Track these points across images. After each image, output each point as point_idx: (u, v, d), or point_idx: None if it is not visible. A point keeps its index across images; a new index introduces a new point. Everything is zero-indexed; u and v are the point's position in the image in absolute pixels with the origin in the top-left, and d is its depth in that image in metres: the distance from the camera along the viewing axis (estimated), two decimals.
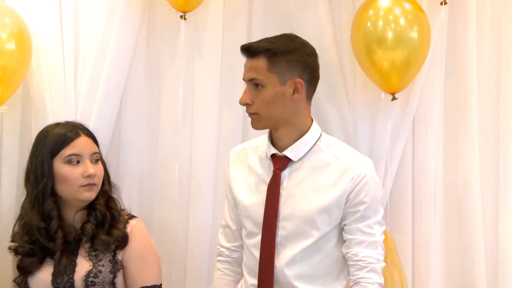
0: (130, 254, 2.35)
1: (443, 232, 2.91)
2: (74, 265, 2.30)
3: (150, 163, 2.88)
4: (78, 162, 2.32)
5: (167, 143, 2.87)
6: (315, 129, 2.29)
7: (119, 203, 2.43)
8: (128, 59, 2.80)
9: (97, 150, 2.38)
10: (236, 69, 2.79)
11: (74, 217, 2.32)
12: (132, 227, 2.37)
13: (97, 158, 2.37)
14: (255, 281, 2.29)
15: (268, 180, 2.29)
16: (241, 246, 2.42)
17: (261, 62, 2.20)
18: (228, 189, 2.43)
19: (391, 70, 2.66)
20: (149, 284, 2.35)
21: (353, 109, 2.83)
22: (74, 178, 2.30)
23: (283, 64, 2.20)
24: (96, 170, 2.34)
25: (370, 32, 2.67)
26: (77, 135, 2.34)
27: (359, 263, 2.25)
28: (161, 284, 2.39)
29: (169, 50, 2.87)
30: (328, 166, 2.28)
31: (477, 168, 2.86)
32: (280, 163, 2.28)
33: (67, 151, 2.30)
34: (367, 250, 2.26)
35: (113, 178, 2.69)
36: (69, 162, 2.31)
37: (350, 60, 2.82)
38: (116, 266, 2.33)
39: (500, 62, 2.92)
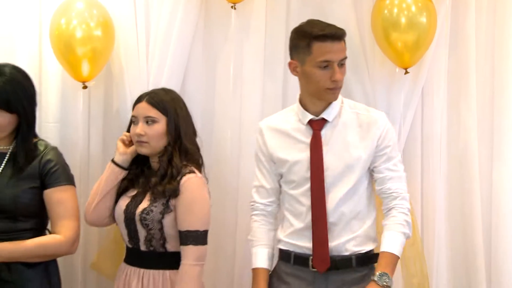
0: (179, 202, 2.50)
1: (446, 182, 3.10)
2: (140, 202, 2.55)
3: (208, 128, 3.07)
4: (136, 122, 2.57)
5: (221, 111, 3.08)
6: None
7: (180, 162, 2.55)
8: (188, 42, 3.02)
9: (151, 114, 2.53)
10: (276, 50, 3.03)
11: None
12: (185, 180, 2.51)
13: (151, 120, 2.53)
14: (304, 224, 2.48)
15: (307, 141, 2.49)
16: (274, 202, 2.60)
17: (343, 44, 2.43)
18: (264, 156, 2.58)
19: (404, 49, 2.88)
20: (192, 229, 2.49)
21: (373, 81, 3.02)
22: (132, 135, 2.58)
23: None
24: (145, 130, 2.53)
25: (387, 18, 2.88)
26: (139, 101, 2.58)
27: (393, 194, 2.48)
28: (205, 230, 2.51)
29: (222, 34, 3.08)
30: (354, 121, 2.51)
31: (475, 130, 3.06)
32: (318, 124, 2.49)
33: (132, 113, 2.60)
34: (397, 183, 2.49)
35: None
36: (132, 122, 2.59)
37: (370, 41, 3.01)
38: (166, 209, 2.51)
39: (494, 43, 3.09)
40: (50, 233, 2.60)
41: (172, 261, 2.53)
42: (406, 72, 2.93)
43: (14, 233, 2.49)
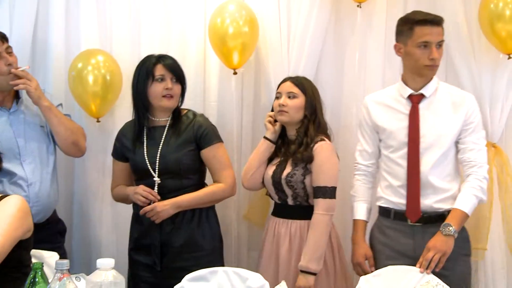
0: (314, 164, 2.81)
1: None
2: (284, 168, 2.87)
3: (337, 105, 3.35)
4: (279, 97, 2.90)
5: (348, 92, 3.36)
6: (435, 76, 2.76)
7: (314, 133, 2.84)
8: (322, 35, 3.30)
9: (293, 90, 2.84)
10: (394, 40, 3.08)
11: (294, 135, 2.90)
12: (317, 146, 2.82)
13: (292, 95, 2.84)
14: (400, 182, 2.71)
15: (406, 112, 2.72)
16: (374, 164, 2.84)
17: (441, 29, 2.68)
18: (367, 125, 2.83)
19: (508, 37, 3.02)
20: (322, 185, 2.78)
21: (479, 65, 3.16)
22: (275, 107, 2.88)
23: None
24: (287, 102, 2.85)
25: (492, 10, 3.03)
26: (284, 82, 2.93)
27: (472, 162, 2.69)
28: (332, 187, 2.77)
29: (349, 29, 3.34)
30: (447, 99, 2.73)
31: None
32: (417, 98, 2.73)
33: (277, 90, 2.92)
34: (476, 154, 2.70)
35: None
36: (276, 98, 2.89)
37: (477, 31, 3.15)
38: (306, 172, 2.82)
39: None
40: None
41: (312, 214, 2.83)
42: (509, 57, 3.06)
43: (181, 190, 2.87)
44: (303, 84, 2.93)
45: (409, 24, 2.70)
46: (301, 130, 2.88)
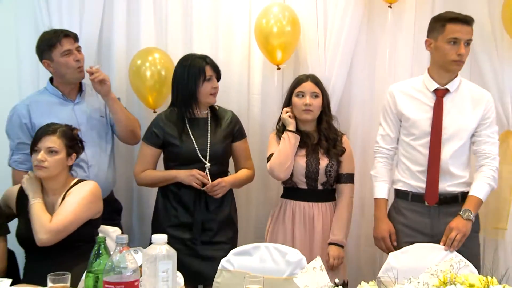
0: (344, 155, 3.04)
1: None
2: (318, 159, 3.01)
3: (368, 96, 3.45)
4: (302, 96, 2.99)
5: (379, 86, 3.42)
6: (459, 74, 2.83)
7: (336, 127, 3.07)
8: (355, 34, 3.39)
9: (316, 90, 2.97)
10: (423, 40, 3.09)
11: (311, 130, 3.05)
12: (344, 140, 3.06)
13: (315, 95, 2.97)
14: (420, 168, 2.81)
15: (430, 104, 2.80)
16: (395, 148, 2.92)
17: (471, 29, 2.74)
18: (391, 112, 2.89)
19: None
20: (351, 172, 3.06)
21: (501, 61, 3.21)
22: (297, 105, 2.98)
23: None
24: (312, 102, 2.97)
25: None
26: (304, 81, 3.02)
27: (486, 154, 2.79)
28: (353, 173, 3.04)
29: (380, 28, 3.42)
30: (468, 95, 2.81)
31: None
32: (442, 93, 2.81)
33: (298, 89, 3.02)
34: (490, 147, 2.80)
35: (346, 113, 3.40)
36: (296, 95, 3.02)
37: (499, 28, 3.20)
38: (338, 162, 3.02)
39: None
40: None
41: (334, 195, 3.09)
42: None
43: (222, 174, 3.10)
44: (320, 83, 3.07)
45: (441, 22, 2.77)
46: (325, 126, 3.05)
